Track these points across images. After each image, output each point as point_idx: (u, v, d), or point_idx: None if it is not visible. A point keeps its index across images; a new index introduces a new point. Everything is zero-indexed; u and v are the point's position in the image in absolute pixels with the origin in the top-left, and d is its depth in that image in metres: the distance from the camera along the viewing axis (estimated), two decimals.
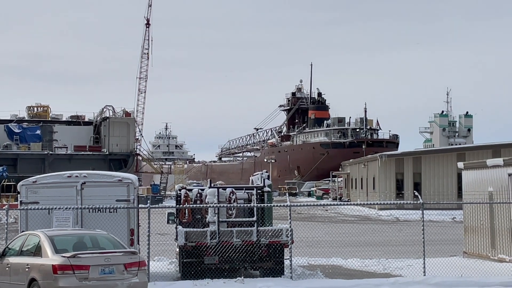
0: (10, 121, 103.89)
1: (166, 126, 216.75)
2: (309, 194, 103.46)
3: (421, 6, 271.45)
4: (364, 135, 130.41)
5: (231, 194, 21.82)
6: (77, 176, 20.61)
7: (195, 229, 21.09)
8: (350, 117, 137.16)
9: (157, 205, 29.86)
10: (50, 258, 15.41)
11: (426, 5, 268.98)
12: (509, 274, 20.94)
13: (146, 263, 17.44)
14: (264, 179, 22.77)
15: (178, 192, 22.27)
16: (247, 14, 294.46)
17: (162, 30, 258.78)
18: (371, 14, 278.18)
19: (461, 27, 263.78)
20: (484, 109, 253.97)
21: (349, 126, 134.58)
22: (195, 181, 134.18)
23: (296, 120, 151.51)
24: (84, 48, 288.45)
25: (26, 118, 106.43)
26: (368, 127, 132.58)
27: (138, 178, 24.40)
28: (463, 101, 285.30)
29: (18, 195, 20.40)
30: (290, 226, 21.03)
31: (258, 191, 22.26)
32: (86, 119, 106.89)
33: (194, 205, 21.62)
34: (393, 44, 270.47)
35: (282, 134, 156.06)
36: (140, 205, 21.03)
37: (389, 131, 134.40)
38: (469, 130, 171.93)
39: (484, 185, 24.99)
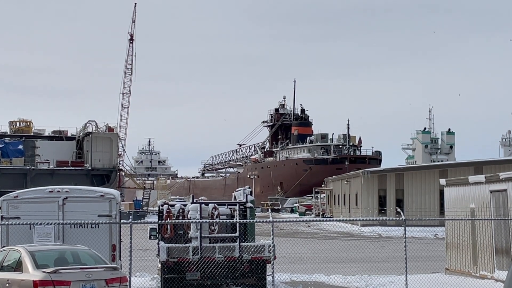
0: None
1: (149, 141, 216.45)
2: (292, 210, 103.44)
3: (405, 22, 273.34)
4: (347, 152, 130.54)
5: (214, 209, 21.79)
6: (58, 191, 20.50)
7: (177, 245, 21.03)
8: (333, 134, 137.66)
9: (139, 221, 29.71)
10: (31, 273, 15.30)
11: (408, 22, 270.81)
12: None
13: (128, 278, 17.33)
14: (246, 195, 22.76)
15: (161, 207, 22.22)
16: (231, 29, 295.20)
17: (146, 44, 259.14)
18: (355, 31, 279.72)
19: (444, 43, 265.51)
20: (466, 126, 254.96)
21: (332, 142, 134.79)
22: (177, 196, 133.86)
23: (279, 136, 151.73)
24: (67, 62, 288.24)
25: (8, 133, 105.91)
26: (351, 144, 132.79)
27: (121, 194, 24.28)
28: (445, 118, 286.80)
29: None
30: (273, 242, 20.95)
31: (241, 206, 22.26)
32: (69, 134, 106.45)
33: (176, 221, 21.55)
34: (376, 60, 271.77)
35: (265, 150, 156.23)
36: (122, 221, 20.93)
37: (372, 147, 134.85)
38: (451, 147, 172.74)
39: (466, 201, 25.07)
